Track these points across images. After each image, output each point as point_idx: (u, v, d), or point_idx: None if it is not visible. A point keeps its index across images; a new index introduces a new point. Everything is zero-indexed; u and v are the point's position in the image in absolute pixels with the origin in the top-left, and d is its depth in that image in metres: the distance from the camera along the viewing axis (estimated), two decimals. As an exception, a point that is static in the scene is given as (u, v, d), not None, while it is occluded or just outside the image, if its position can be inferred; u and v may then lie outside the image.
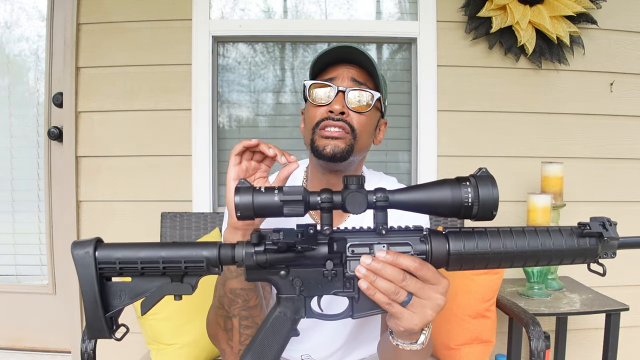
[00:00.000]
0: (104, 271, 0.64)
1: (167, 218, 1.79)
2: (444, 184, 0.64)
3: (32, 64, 2.10)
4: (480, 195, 0.62)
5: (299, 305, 0.68)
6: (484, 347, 1.47)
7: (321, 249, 0.66)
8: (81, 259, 0.63)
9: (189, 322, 1.43)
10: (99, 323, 0.63)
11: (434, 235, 0.67)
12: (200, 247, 0.65)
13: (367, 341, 1.13)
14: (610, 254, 0.67)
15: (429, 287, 0.66)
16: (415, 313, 0.66)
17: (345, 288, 0.68)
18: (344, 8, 2.03)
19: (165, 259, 0.64)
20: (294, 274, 0.67)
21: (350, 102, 0.98)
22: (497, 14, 1.84)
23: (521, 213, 1.88)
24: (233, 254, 0.65)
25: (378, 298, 0.65)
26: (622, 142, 1.96)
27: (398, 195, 0.65)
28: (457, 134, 1.93)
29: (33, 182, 2.10)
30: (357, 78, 1.00)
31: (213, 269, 0.65)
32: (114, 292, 0.65)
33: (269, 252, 0.65)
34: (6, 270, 2.12)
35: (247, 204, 0.63)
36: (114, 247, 0.64)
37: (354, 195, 0.64)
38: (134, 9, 1.90)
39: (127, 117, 1.92)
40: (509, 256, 0.66)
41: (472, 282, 1.44)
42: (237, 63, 2.04)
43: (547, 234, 0.66)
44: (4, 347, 2.10)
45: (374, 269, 0.64)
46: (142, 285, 0.65)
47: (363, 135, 1.00)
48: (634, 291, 1.89)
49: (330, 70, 1.01)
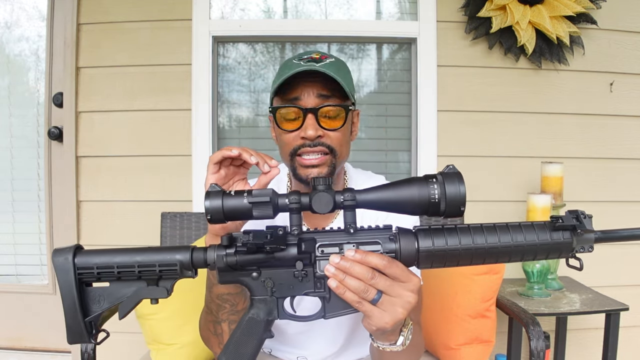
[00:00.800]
0: (83, 277, 0.66)
1: (167, 218, 1.79)
2: (411, 182, 0.65)
3: (32, 64, 2.10)
4: (447, 192, 0.62)
5: (272, 306, 0.69)
6: (484, 347, 1.47)
7: (291, 249, 0.67)
8: (61, 265, 0.65)
9: (189, 322, 1.43)
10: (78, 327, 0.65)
11: (403, 233, 0.68)
12: (173, 251, 0.67)
13: (361, 342, 1.13)
14: (588, 248, 0.66)
15: (398, 285, 0.66)
16: (385, 311, 0.66)
17: (317, 288, 0.69)
18: (344, 8, 2.03)
19: (140, 264, 0.66)
20: (266, 275, 0.68)
21: (323, 120, 0.92)
22: (497, 14, 1.84)
23: (521, 213, 1.88)
24: (205, 257, 0.67)
25: (348, 297, 0.65)
26: (622, 142, 1.96)
27: (365, 194, 0.66)
28: (457, 134, 1.93)
29: (33, 182, 2.10)
30: (323, 92, 0.92)
31: (186, 272, 0.67)
32: (94, 297, 0.67)
33: (239, 254, 0.66)
34: (6, 270, 2.12)
35: (217, 208, 0.64)
36: (92, 254, 0.66)
37: (320, 195, 0.65)
38: (134, 9, 1.90)
39: (127, 117, 1.92)
40: (480, 252, 0.66)
41: (472, 282, 1.44)
42: (237, 63, 2.04)
43: (519, 229, 0.66)
44: (4, 347, 2.10)
45: (343, 267, 0.65)
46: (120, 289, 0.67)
47: (342, 150, 0.97)
48: (634, 291, 1.89)
49: (293, 88, 0.93)
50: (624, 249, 1.93)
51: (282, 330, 1.07)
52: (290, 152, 0.95)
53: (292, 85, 0.94)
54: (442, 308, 1.44)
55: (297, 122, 0.93)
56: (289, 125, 0.94)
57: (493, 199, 1.93)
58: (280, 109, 0.93)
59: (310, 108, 0.92)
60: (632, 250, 1.94)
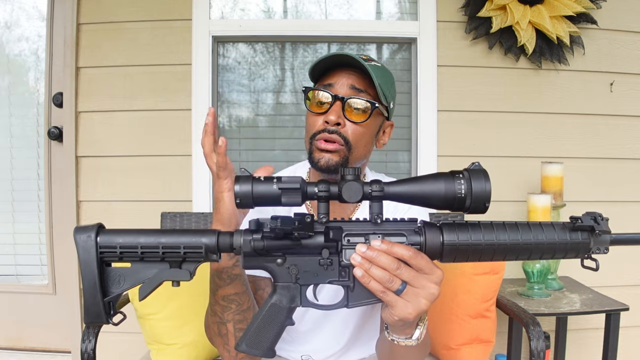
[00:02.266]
0: (105, 256, 0.65)
1: (167, 218, 1.78)
2: (438, 176, 0.65)
3: (32, 64, 2.10)
4: (473, 188, 0.63)
5: (295, 293, 0.69)
6: (484, 347, 1.47)
7: (317, 237, 0.67)
8: (83, 242, 0.64)
9: (189, 322, 1.43)
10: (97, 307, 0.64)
11: (428, 227, 0.68)
12: (199, 234, 0.66)
13: (366, 341, 1.13)
14: (603, 249, 0.67)
15: (422, 276, 0.67)
16: (409, 302, 0.67)
17: (341, 277, 0.69)
18: (344, 8, 2.03)
19: (165, 245, 0.65)
20: (291, 262, 0.69)
21: (348, 111, 0.96)
22: (497, 14, 1.84)
23: (521, 213, 1.88)
24: (231, 241, 0.67)
25: (372, 286, 0.66)
26: (622, 142, 1.96)
27: (393, 187, 0.66)
28: (457, 134, 1.93)
29: (33, 182, 2.10)
30: (357, 85, 0.97)
31: (211, 255, 0.66)
32: (114, 278, 0.66)
33: (267, 239, 0.66)
34: (6, 270, 2.12)
35: (247, 192, 0.64)
36: (115, 233, 0.66)
37: (350, 184, 0.65)
38: (134, 9, 1.90)
39: (127, 117, 1.92)
40: (502, 249, 0.67)
41: (472, 282, 1.44)
42: (237, 63, 2.04)
43: (540, 228, 0.67)
44: (4, 347, 2.10)
45: (369, 257, 0.66)
46: (141, 271, 0.66)
47: (358, 146, 0.98)
48: (634, 291, 1.89)
49: (330, 75, 0.99)
50: (624, 249, 1.91)
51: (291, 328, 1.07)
52: (311, 135, 0.98)
53: (331, 72, 0.99)
54: (442, 308, 1.44)
55: (324, 107, 0.97)
56: (316, 108, 0.98)
57: (493, 199, 1.91)
58: (312, 90, 0.98)
59: (341, 96, 0.96)
60: (632, 250, 1.93)
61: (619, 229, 0.68)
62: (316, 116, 0.98)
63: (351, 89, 0.97)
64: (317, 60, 0.98)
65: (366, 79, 0.97)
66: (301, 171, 1.15)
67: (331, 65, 0.99)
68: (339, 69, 0.99)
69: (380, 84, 0.96)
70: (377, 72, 0.96)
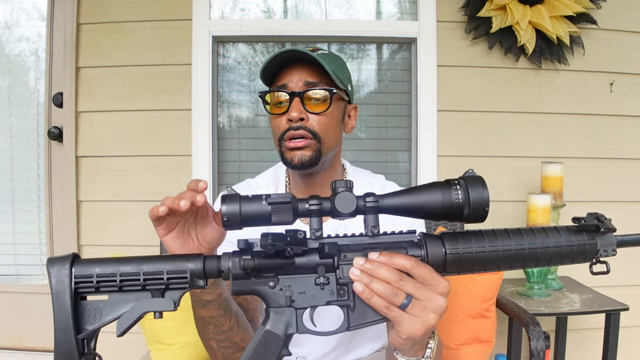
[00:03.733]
0: (80, 287, 0.60)
1: (167, 218, 1.78)
2: (434, 186, 0.63)
3: (32, 64, 2.10)
4: (470, 196, 0.61)
5: (290, 318, 0.63)
6: (484, 347, 1.47)
7: (312, 254, 0.63)
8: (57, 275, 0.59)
9: (189, 322, 1.43)
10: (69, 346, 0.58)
11: (428, 238, 0.65)
12: (183, 259, 0.62)
13: (363, 342, 1.13)
14: (611, 252, 0.65)
15: (427, 288, 0.62)
16: (416, 317, 0.62)
17: (340, 296, 0.64)
18: (344, 8, 2.03)
19: (147, 272, 0.60)
20: (284, 283, 0.63)
21: (308, 104, 0.97)
22: (497, 14, 1.84)
23: (521, 213, 1.88)
24: (219, 265, 0.62)
25: (375, 302, 0.61)
26: (622, 142, 1.96)
27: (388, 199, 0.63)
28: (457, 134, 1.93)
29: (33, 182, 2.10)
30: (310, 79, 0.98)
31: (198, 281, 0.62)
32: (89, 312, 0.60)
33: (257, 257, 0.62)
34: (6, 270, 2.12)
35: (234, 212, 0.60)
36: (91, 262, 0.61)
37: (343, 194, 0.62)
38: (134, 9, 1.90)
39: (127, 117, 1.92)
40: (507, 257, 0.64)
41: (472, 282, 1.44)
42: (237, 63, 2.04)
43: (544, 232, 0.65)
44: (4, 347, 2.09)
45: (368, 270, 0.62)
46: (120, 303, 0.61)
47: (328, 135, 0.99)
48: (634, 291, 1.89)
49: (281, 76, 1.00)
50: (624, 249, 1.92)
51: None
52: (279, 137, 0.99)
53: (280, 73, 1.01)
54: (442, 308, 1.44)
55: (284, 107, 0.98)
56: (277, 109, 0.99)
57: (493, 199, 1.91)
58: (269, 93, 1.00)
59: (297, 92, 0.97)
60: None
61: (619, 229, 0.68)
62: (278, 117, 0.99)
63: (305, 84, 0.98)
64: (265, 63, 0.98)
65: (318, 70, 0.98)
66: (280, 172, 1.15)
67: (281, 64, 1.00)
68: (288, 67, 0.99)
69: (333, 70, 0.97)
70: (327, 60, 0.96)
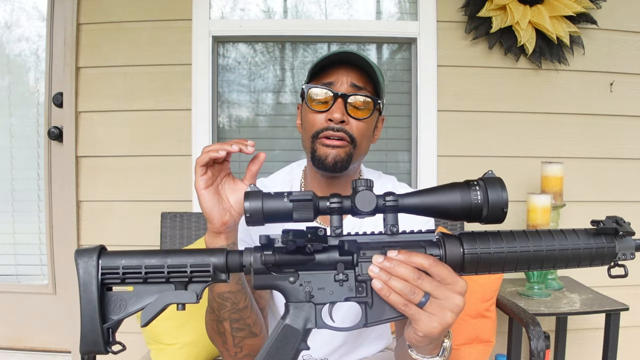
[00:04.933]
0: (106, 278, 0.62)
1: (167, 218, 1.79)
2: (453, 187, 0.63)
3: (32, 64, 2.10)
4: (489, 198, 0.62)
5: (310, 313, 0.65)
6: (484, 347, 1.47)
7: (331, 251, 0.64)
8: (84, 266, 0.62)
9: (189, 322, 1.43)
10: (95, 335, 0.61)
11: (446, 237, 0.66)
12: (207, 254, 0.64)
13: (368, 340, 1.13)
14: (629, 255, 0.65)
15: (445, 287, 0.63)
16: (434, 315, 0.63)
17: (358, 293, 0.65)
18: (344, 8, 2.03)
19: (171, 265, 0.63)
20: (304, 279, 0.65)
21: (350, 108, 0.97)
22: (497, 14, 1.84)
23: (521, 213, 1.88)
24: (241, 260, 0.64)
25: (393, 299, 0.63)
26: (622, 142, 1.96)
27: (408, 198, 0.64)
28: (457, 134, 1.93)
29: (33, 182, 2.10)
30: (357, 82, 0.98)
31: (220, 275, 0.64)
32: (114, 303, 0.63)
33: (278, 253, 0.63)
34: (6, 270, 2.12)
35: (257, 209, 0.62)
36: (118, 254, 0.63)
37: (363, 193, 0.63)
38: (134, 9, 1.90)
39: (127, 117, 1.92)
40: (525, 257, 0.64)
41: (472, 282, 1.43)
42: (237, 63, 2.04)
43: (562, 235, 0.65)
44: (4, 347, 2.10)
45: (387, 267, 0.63)
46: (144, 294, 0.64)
47: (363, 142, 1.00)
48: (634, 291, 1.89)
49: (329, 73, 0.99)
50: None
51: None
52: (313, 133, 0.99)
53: (329, 71, 0.99)
54: (442, 308, 1.44)
55: (326, 105, 0.97)
56: (318, 106, 0.98)
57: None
58: (314, 88, 0.98)
59: (342, 93, 0.96)
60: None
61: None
62: (317, 114, 0.98)
63: (351, 87, 0.98)
64: (322, 58, 0.98)
65: (364, 76, 0.99)
66: (297, 170, 1.15)
67: (328, 63, 0.99)
68: (336, 67, 0.99)
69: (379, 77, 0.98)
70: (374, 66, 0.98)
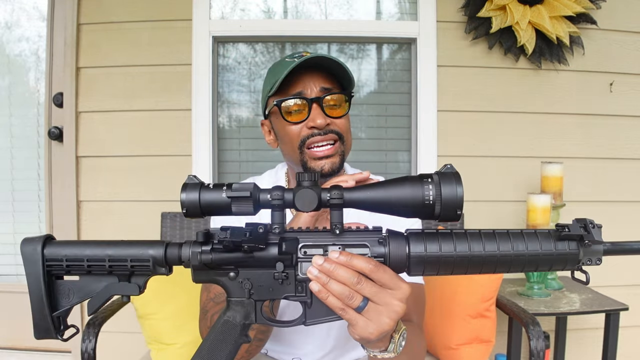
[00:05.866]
0: (52, 269, 0.63)
1: (167, 218, 1.79)
2: (404, 181, 0.60)
3: (32, 64, 2.11)
4: (442, 194, 0.57)
5: (249, 309, 0.64)
6: (484, 346, 1.47)
7: (271, 249, 0.62)
8: (29, 255, 0.62)
9: (189, 322, 1.43)
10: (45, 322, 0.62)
11: (393, 236, 0.63)
12: (146, 246, 0.63)
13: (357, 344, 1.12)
14: (595, 261, 0.60)
15: (386, 292, 0.61)
16: (370, 320, 0.61)
17: (297, 292, 0.64)
18: (344, 8, 2.03)
19: (112, 258, 0.62)
20: (244, 275, 0.64)
21: (328, 110, 0.96)
22: (497, 14, 1.84)
23: (521, 213, 1.88)
24: (180, 254, 0.63)
25: (331, 302, 0.61)
26: (622, 142, 1.96)
27: (354, 193, 0.60)
28: (457, 134, 1.93)
29: (33, 182, 2.10)
30: (325, 85, 0.97)
31: (160, 269, 0.63)
32: (63, 291, 0.63)
33: (215, 252, 0.61)
34: (6, 270, 2.12)
35: (194, 201, 0.60)
36: (62, 245, 0.63)
37: (304, 192, 0.60)
38: (134, 9, 1.90)
39: (127, 117, 1.92)
40: (477, 261, 0.61)
41: (472, 281, 1.44)
42: (237, 63, 2.04)
43: (521, 237, 0.61)
44: (4, 347, 2.10)
45: (326, 270, 0.60)
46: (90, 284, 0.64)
47: (348, 137, 1.01)
48: (633, 291, 1.89)
49: (295, 83, 0.97)
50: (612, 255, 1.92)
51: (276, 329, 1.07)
52: (299, 143, 0.97)
53: (292, 81, 0.97)
54: (442, 308, 1.44)
55: (303, 114, 0.96)
56: (295, 117, 0.97)
57: (493, 199, 1.94)
58: (285, 101, 0.96)
59: (315, 97, 0.96)
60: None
61: (618, 230, 0.67)
62: (294, 125, 0.97)
63: (321, 90, 0.97)
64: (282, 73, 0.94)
65: (329, 76, 0.98)
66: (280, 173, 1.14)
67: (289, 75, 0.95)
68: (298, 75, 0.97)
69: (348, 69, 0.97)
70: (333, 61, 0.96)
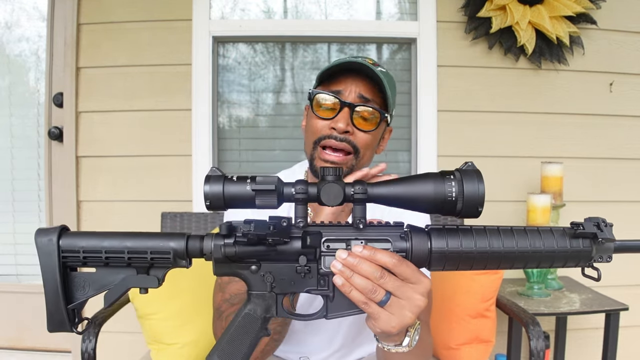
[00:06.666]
0: (68, 260, 0.61)
1: (167, 218, 1.79)
2: (427, 177, 0.60)
3: (32, 64, 2.11)
4: (465, 191, 0.58)
5: (270, 302, 0.64)
6: (484, 346, 1.47)
7: (294, 243, 0.62)
8: (44, 246, 0.60)
9: (189, 322, 1.43)
10: (60, 315, 0.61)
11: (415, 232, 0.64)
12: (167, 238, 0.62)
13: (366, 341, 1.13)
14: (606, 258, 0.63)
15: (408, 287, 0.62)
16: (393, 314, 0.62)
17: (320, 286, 0.64)
18: (344, 8, 2.03)
19: (131, 249, 0.61)
20: (266, 269, 0.64)
21: (356, 119, 0.94)
22: (497, 14, 1.84)
23: (521, 213, 1.88)
24: (201, 246, 0.62)
25: (354, 296, 0.61)
26: (622, 142, 1.96)
27: (377, 188, 0.61)
28: (457, 134, 1.93)
29: (33, 182, 2.10)
30: (365, 94, 0.95)
31: (180, 261, 0.62)
32: (78, 283, 0.62)
33: (239, 245, 0.61)
34: (6, 270, 2.12)
35: (217, 194, 0.60)
36: (79, 236, 0.62)
37: (329, 186, 0.61)
38: (134, 9, 1.90)
39: (127, 117, 1.92)
40: (496, 257, 0.62)
41: (472, 281, 1.44)
42: (237, 63, 2.04)
43: (538, 234, 0.62)
44: (4, 347, 2.10)
45: (350, 264, 0.61)
46: (107, 276, 0.62)
47: (366, 154, 0.98)
48: (633, 291, 1.89)
49: (339, 80, 0.97)
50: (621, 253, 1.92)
51: None
52: (315, 139, 0.97)
53: (338, 78, 0.97)
54: (442, 308, 1.44)
55: (332, 112, 0.95)
56: (323, 112, 0.96)
57: (493, 199, 1.93)
58: (321, 94, 0.96)
59: (349, 102, 0.94)
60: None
61: (618, 230, 0.67)
62: (321, 120, 0.96)
63: (359, 97, 0.95)
64: (333, 64, 0.96)
65: (374, 87, 0.96)
66: (300, 171, 1.14)
67: (338, 70, 0.97)
68: (346, 74, 0.96)
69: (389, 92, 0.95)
70: (385, 79, 0.94)
